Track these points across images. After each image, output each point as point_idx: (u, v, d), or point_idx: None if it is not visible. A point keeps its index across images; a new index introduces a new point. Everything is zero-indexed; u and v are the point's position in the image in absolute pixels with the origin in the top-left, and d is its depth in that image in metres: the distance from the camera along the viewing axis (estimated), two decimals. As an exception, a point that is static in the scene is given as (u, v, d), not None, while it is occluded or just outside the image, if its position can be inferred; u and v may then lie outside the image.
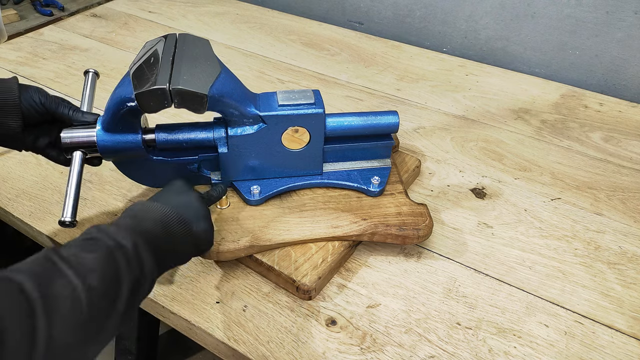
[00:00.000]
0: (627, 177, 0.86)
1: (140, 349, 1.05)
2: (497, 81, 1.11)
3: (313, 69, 1.14)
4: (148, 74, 0.60)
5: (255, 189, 0.71)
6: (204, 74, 0.62)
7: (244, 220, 0.69)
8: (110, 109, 0.62)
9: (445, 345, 0.60)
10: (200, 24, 1.33)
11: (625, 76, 1.08)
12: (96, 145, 0.64)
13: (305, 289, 0.64)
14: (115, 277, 0.45)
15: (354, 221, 0.69)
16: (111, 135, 0.64)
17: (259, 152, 0.70)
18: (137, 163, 0.69)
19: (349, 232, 0.68)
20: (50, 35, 1.27)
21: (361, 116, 0.71)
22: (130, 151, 0.66)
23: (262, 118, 0.66)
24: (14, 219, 0.78)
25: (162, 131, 0.67)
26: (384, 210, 0.70)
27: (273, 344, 0.60)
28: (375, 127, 0.72)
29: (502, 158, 0.90)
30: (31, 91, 0.62)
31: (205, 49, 0.66)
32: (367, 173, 0.74)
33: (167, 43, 0.65)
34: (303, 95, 0.68)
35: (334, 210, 0.71)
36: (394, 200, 0.72)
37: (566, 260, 0.71)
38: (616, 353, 0.60)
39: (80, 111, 0.65)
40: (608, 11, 1.03)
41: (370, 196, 0.73)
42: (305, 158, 0.72)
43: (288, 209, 0.71)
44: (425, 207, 0.71)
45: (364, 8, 1.32)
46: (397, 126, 0.72)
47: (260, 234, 0.67)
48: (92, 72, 0.72)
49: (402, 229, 0.68)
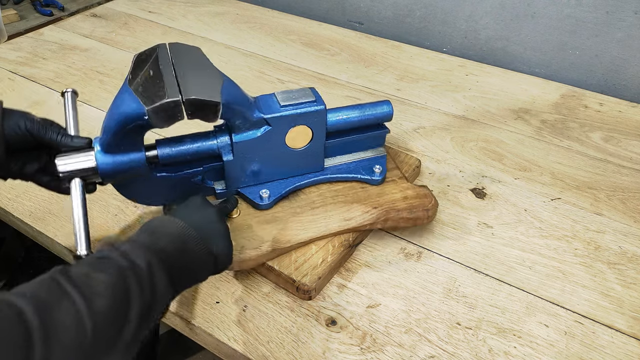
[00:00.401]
0: (627, 177, 0.86)
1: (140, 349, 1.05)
2: (497, 81, 1.11)
3: (313, 69, 1.14)
4: (155, 88, 0.57)
5: (264, 192, 0.70)
6: (210, 82, 0.61)
7: (259, 225, 0.68)
8: (112, 128, 0.58)
9: (445, 345, 0.60)
10: (200, 24, 1.33)
11: (625, 76, 1.08)
12: (96, 169, 0.59)
13: (305, 289, 0.64)
14: (125, 300, 0.43)
15: (366, 211, 0.70)
16: (112, 156, 0.60)
17: (264, 156, 0.69)
18: (137, 182, 0.65)
19: (363, 222, 0.69)
20: (50, 35, 1.27)
21: (357, 108, 0.74)
22: (134, 171, 0.62)
23: (266, 121, 0.66)
24: (14, 219, 0.78)
25: (164, 146, 0.64)
26: (391, 196, 0.72)
27: (273, 344, 0.60)
28: (371, 117, 0.74)
29: (502, 158, 0.90)
30: (16, 117, 0.57)
31: (199, 57, 0.65)
32: (366, 163, 0.76)
33: (160, 54, 0.62)
34: (302, 93, 0.69)
35: (344, 203, 0.71)
36: (397, 186, 0.74)
37: (566, 260, 0.71)
38: (616, 353, 0.60)
39: (69, 136, 0.60)
40: (608, 11, 1.03)
41: (373, 185, 0.74)
42: (308, 156, 0.72)
43: (299, 208, 0.71)
44: (427, 188, 0.73)
45: (364, 8, 1.32)
46: (392, 114, 0.75)
47: (280, 236, 0.67)
48: (70, 91, 0.67)
49: (412, 211, 0.70)
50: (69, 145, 0.59)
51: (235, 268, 0.64)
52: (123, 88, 0.59)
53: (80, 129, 0.64)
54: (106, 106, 1.00)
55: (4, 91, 1.04)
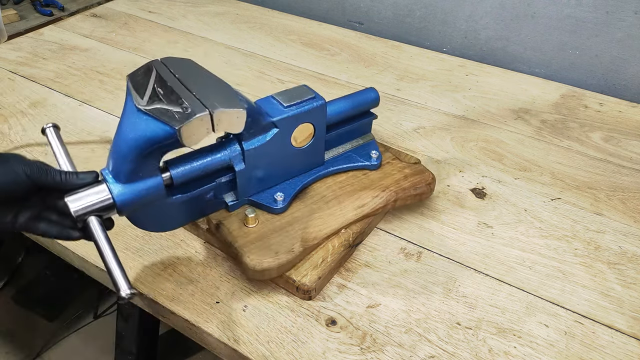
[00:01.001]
0: (627, 177, 0.86)
1: (140, 349, 1.05)
2: (497, 81, 1.11)
3: (313, 69, 1.14)
4: (173, 106, 0.55)
5: (279, 196, 0.69)
6: (226, 93, 0.59)
7: (283, 229, 0.68)
8: (128, 155, 0.54)
9: (445, 345, 0.60)
10: (200, 24, 1.33)
11: (625, 76, 1.08)
12: (114, 203, 0.55)
13: (305, 289, 0.64)
14: None
15: (375, 195, 0.72)
16: (129, 185, 0.55)
17: (273, 159, 0.69)
18: (150, 210, 0.60)
19: (375, 206, 0.72)
20: (50, 35, 1.27)
21: (348, 98, 0.76)
22: (152, 198, 0.58)
23: (274, 124, 0.66)
24: (14, 219, 0.78)
25: (176, 165, 0.61)
26: (393, 177, 0.76)
27: (273, 344, 0.60)
28: (362, 104, 0.77)
29: (502, 158, 0.90)
30: (12, 163, 0.51)
31: (198, 68, 0.63)
32: (360, 150, 0.79)
33: (160, 71, 0.59)
34: (301, 91, 0.69)
35: (353, 192, 0.73)
36: (393, 167, 0.77)
37: (566, 260, 0.71)
38: (616, 353, 0.60)
39: (72, 173, 0.55)
40: (608, 11, 1.03)
41: (373, 170, 0.77)
42: (311, 152, 0.73)
43: (313, 204, 0.72)
44: (421, 164, 0.78)
45: (364, 8, 1.32)
46: (379, 99, 0.78)
47: (306, 235, 0.67)
48: (51, 126, 0.62)
49: (416, 188, 0.74)
50: (76, 184, 0.55)
51: (274, 275, 0.64)
52: (129, 111, 0.55)
53: (80, 128, 0.62)
54: (106, 106, 1.01)
55: (4, 91, 1.05)
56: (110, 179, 0.56)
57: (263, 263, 0.62)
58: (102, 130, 0.93)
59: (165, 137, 0.53)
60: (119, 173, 0.55)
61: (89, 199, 0.54)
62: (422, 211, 0.78)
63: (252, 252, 0.64)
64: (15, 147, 0.89)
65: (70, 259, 0.73)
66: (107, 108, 1.00)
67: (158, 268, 0.69)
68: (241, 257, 0.63)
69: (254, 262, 0.62)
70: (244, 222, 0.67)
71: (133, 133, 0.54)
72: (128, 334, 1.03)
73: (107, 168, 0.57)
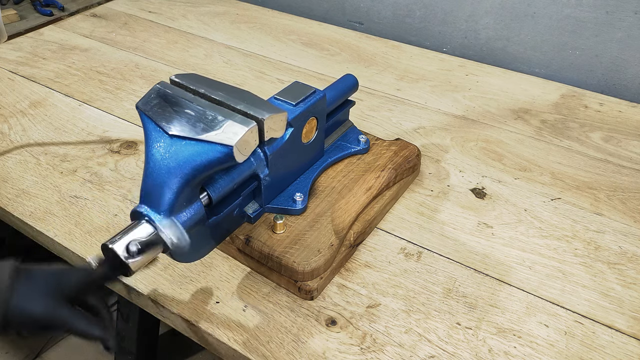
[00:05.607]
0: (627, 177, 0.86)
1: (140, 349, 1.05)
2: (497, 81, 1.11)
3: (313, 69, 1.14)
4: (212, 124, 0.52)
5: (298, 196, 0.69)
6: (253, 99, 0.58)
7: (312, 227, 0.68)
8: (175, 183, 0.51)
9: (445, 345, 0.60)
10: (200, 24, 1.33)
11: (625, 76, 1.08)
12: (167, 244, 0.52)
13: (308, 289, 0.64)
14: None
15: (376, 176, 0.76)
16: (176, 218, 0.53)
17: (288, 159, 0.69)
18: (191, 237, 0.55)
19: (380, 186, 0.75)
20: (50, 35, 1.27)
21: (333, 88, 0.77)
22: (196, 223, 0.55)
23: (289, 123, 0.66)
24: (14, 219, 0.78)
25: (210, 185, 0.58)
26: (385, 157, 0.79)
27: (273, 344, 0.60)
28: (346, 91, 0.79)
29: (502, 158, 0.90)
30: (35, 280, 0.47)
31: (210, 80, 0.61)
32: (347, 137, 0.81)
33: (176, 93, 0.57)
34: (300, 88, 0.71)
35: (357, 178, 0.76)
36: (380, 148, 0.81)
37: (566, 260, 0.71)
38: (616, 353, 0.60)
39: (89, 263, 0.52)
40: (608, 11, 1.03)
41: (364, 154, 0.80)
42: (315, 146, 0.74)
43: (329, 196, 0.73)
44: (402, 139, 0.83)
45: (364, 8, 1.32)
46: (358, 83, 0.80)
47: (336, 227, 0.68)
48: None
49: (409, 161, 0.79)
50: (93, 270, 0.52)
51: (321, 272, 0.64)
52: (157, 139, 0.53)
53: (80, 128, 0.62)
54: (106, 106, 1.01)
55: (4, 91, 1.05)
56: (157, 218, 0.52)
57: (311, 263, 0.63)
58: (102, 130, 0.93)
59: (221, 158, 0.51)
60: (166, 206, 0.52)
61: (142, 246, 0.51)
62: (422, 211, 0.78)
63: (295, 256, 0.64)
64: (15, 147, 0.89)
65: (70, 259, 0.73)
66: (107, 108, 1.00)
67: (158, 268, 0.69)
68: (286, 263, 0.63)
69: (302, 264, 0.63)
70: (271, 230, 0.67)
71: (173, 161, 0.51)
72: (128, 334, 1.03)
73: (144, 205, 0.53)
